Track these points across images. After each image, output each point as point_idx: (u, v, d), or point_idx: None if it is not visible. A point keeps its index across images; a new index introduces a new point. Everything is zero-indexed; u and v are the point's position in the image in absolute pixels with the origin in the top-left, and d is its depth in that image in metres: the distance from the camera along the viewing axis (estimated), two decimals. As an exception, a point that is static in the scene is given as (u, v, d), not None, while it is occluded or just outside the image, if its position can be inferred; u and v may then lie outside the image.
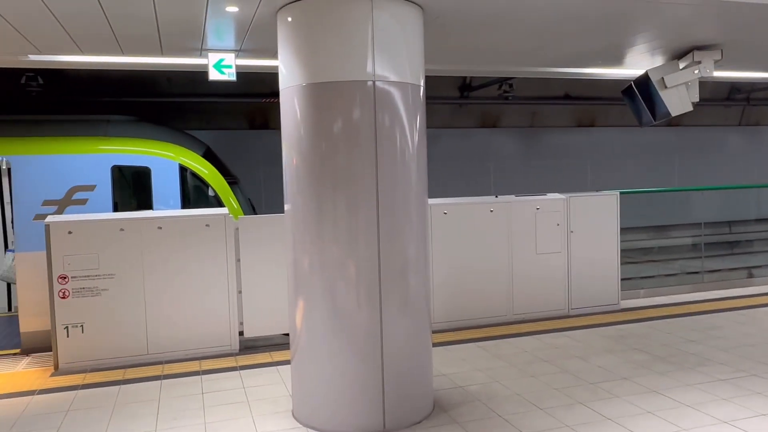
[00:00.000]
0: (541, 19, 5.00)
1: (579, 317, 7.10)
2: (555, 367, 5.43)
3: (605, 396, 4.72)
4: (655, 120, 6.90)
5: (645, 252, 12.93)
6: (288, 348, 4.78)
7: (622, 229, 7.50)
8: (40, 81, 9.31)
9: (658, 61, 6.77)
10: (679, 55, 6.47)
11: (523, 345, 6.09)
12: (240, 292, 6.12)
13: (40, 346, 6.46)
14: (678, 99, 6.50)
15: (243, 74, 6.10)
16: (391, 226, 4.16)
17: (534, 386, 4.97)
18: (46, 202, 7.10)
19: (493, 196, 7.19)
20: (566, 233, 7.19)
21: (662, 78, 6.50)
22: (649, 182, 14.58)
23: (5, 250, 9.03)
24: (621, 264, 7.55)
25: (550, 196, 7.27)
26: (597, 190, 7.74)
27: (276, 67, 4.54)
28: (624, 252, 7.74)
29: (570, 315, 7.19)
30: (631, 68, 7.34)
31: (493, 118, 13.53)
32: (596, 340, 6.22)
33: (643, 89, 6.79)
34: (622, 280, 7.58)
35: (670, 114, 6.60)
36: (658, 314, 7.18)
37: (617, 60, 6.93)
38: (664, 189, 14.62)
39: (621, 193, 7.51)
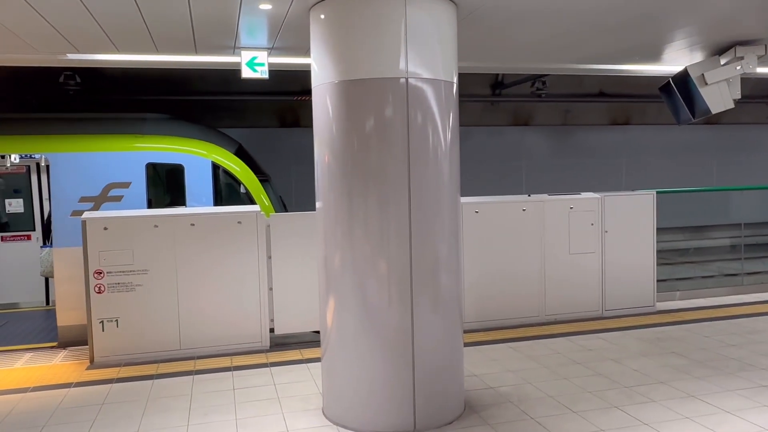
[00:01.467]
0: (579, 14, 4.89)
1: (613, 319, 6.96)
2: (589, 369, 5.33)
3: (641, 400, 4.60)
4: (694, 118, 6.72)
5: (681, 253, 12.64)
6: (318, 345, 4.78)
7: (657, 230, 7.33)
8: (78, 80, 9.50)
9: (698, 57, 6.58)
10: (721, 51, 6.28)
11: (556, 346, 5.99)
12: (271, 289, 6.15)
13: (77, 339, 6.61)
14: (719, 96, 6.32)
15: (274, 72, 6.12)
16: (422, 224, 4.12)
17: (567, 389, 4.88)
18: (83, 199, 7.22)
19: (526, 195, 7.10)
20: (600, 233, 7.05)
21: (702, 74, 6.32)
22: (686, 182, 14.24)
23: (42, 246, 9.26)
24: (657, 265, 7.38)
25: (585, 195, 7.14)
26: (632, 190, 7.58)
27: (308, 65, 4.54)
28: (659, 253, 7.56)
29: (604, 316, 7.05)
30: (669, 64, 7.16)
31: (525, 116, 13.36)
32: (631, 342, 6.08)
33: (681, 86, 6.61)
34: (657, 281, 7.41)
35: (710, 111, 6.42)
36: (695, 317, 7.00)
37: (655, 56, 6.76)
38: (702, 189, 14.27)
39: (657, 192, 7.34)
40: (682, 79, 6.55)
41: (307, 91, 4.53)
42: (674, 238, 12.22)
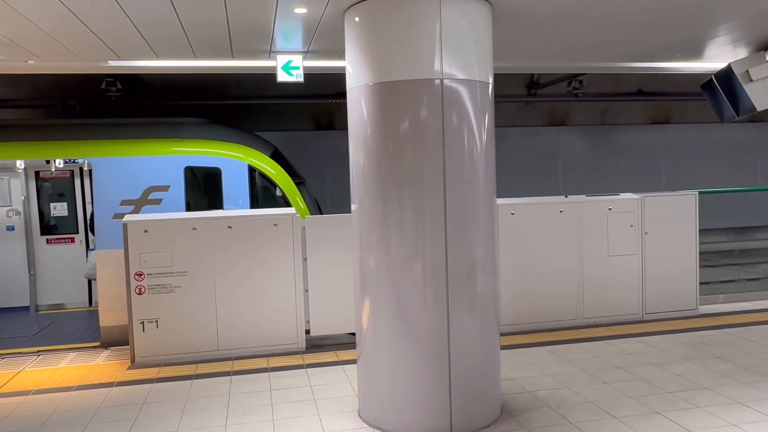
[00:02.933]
0: (618, 11, 4.79)
1: (654, 322, 6.79)
2: (629, 374, 5.21)
3: (685, 406, 4.48)
4: (738, 116, 6.53)
5: (725, 255, 12.27)
6: (354, 347, 4.79)
7: (700, 231, 7.13)
8: (119, 86, 9.73)
9: (742, 53, 6.40)
10: (766, 46, 6.09)
11: (595, 350, 5.88)
12: (306, 290, 6.19)
13: (118, 339, 6.76)
14: (764, 92, 6.14)
15: (309, 76, 6.17)
16: (458, 226, 4.09)
17: (607, 393, 4.79)
18: (124, 202, 7.39)
19: (563, 196, 6.99)
20: (640, 235, 6.90)
21: (747, 71, 6.14)
22: (729, 181, 13.84)
23: (87, 249, 9.51)
24: (699, 267, 7.18)
25: (623, 196, 6.99)
26: (673, 190, 7.39)
27: (342, 68, 4.56)
28: (702, 255, 7.35)
29: (644, 320, 6.89)
30: (711, 61, 6.98)
31: (561, 115, 13.16)
32: (673, 346, 5.93)
33: (725, 83, 6.43)
34: (700, 284, 7.21)
35: (755, 109, 6.24)
36: (740, 321, 6.79)
37: (696, 53, 6.59)
38: (746, 188, 13.84)
39: (700, 192, 7.15)
40: (726, 75, 6.37)
41: (342, 94, 4.56)
42: (717, 239, 11.89)
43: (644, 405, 4.53)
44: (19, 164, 9.06)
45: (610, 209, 6.82)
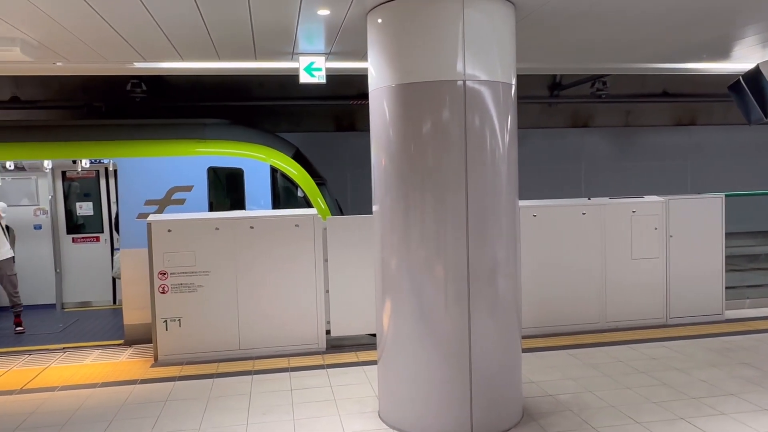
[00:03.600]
0: (644, 12, 4.73)
1: (678, 327, 6.69)
2: (653, 378, 5.14)
3: (710, 413, 4.41)
4: (766, 117, 6.42)
5: (751, 259, 12.06)
6: (374, 348, 4.79)
7: (726, 234, 7.01)
8: (144, 87, 9.86)
9: (771, 53, 6.28)
10: (796, 47, 5.98)
11: (617, 354, 5.81)
12: (327, 291, 6.20)
13: (142, 338, 6.84)
14: (794, 94, 6.02)
15: (330, 77, 6.19)
16: (480, 228, 4.07)
17: (630, 398, 4.73)
18: (148, 202, 7.48)
19: (586, 199, 6.92)
20: (665, 238, 6.80)
21: (776, 72, 6.03)
22: (756, 184, 13.58)
23: (111, 249, 9.65)
24: (725, 271, 7.06)
25: (648, 198, 6.90)
26: (698, 193, 7.28)
27: (363, 69, 4.57)
28: (728, 258, 7.22)
29: (668, 324, 6.80)
30: (739, 62, 6.86)
31: (584, 117, 13.04)
32: (698, 352, 5.84)
33: (753, 84, 6.33)
34: (726, 288, 7.09)
35: (784, 111, 6.12)
36: (767, 326, 6.66)
37: (724, 53, 6.49)
38: (773, 191, 13.58)
39: (726, 195, 7.02)
40: (754, 76, 6.27)
41: (363, 95, 4.57)
42: (744, 243, 11.68)
43: (668, 411, 4.47)
44: (47, 164, 9.23)
45: (634, 212, 6.73)
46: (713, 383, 4.99)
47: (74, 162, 9.27)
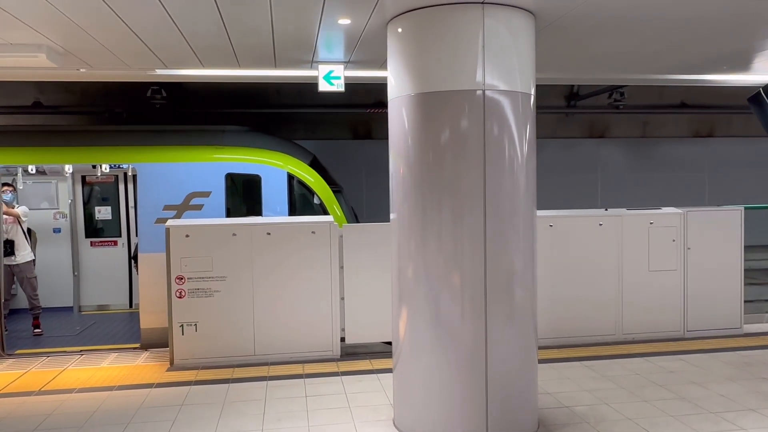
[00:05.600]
0: (665, 22, 4.70)
1: (696, 340, 6.62)
2: (670, 392, 5.09)
3: (729, 428, 4.36)
4: (787, 130, 6.35)
5: (771, 273, 11.91)
6: (388, 356, 4.79)
7: (745, 247, 6.94)
8: (164, 94, 9.97)
9: (792, 65, 6.23)
10: (818, 59, 5.92)
11: (634, 367, 5.76)
12: (342, 298, 6.22)
13: (158, 342, 6.89)
14: (815, 107, 5.96)
15: (348, 85, 6.23)
16: (497, 238, 4.07)
17: (647, 411, 4.68)
18: (167, 207, 7.54)
19: (603, 209, 6.89)
20: (683, 250, 6.75)
21: (797, 84, 5.98)
22: (775, 197, 13.43)
23: (129, 253, 9.72)
24: (744, 285, 6.98)
25: (666, 210, 6.86)
26: (716, 205, 7.22)
27: (382, 78, 4.60)
28: (747, 272, 7.14)
29: (686, 337, 6.73)
30: (759, 74, 6.81)
31: (601, 127, 12.97)
32: (716, 365, 5.77)
33: (774, 96, 6.27)
34: (744, 302, 7.01)
35: (805, 123, 6.06)
36: (787, 341, 6.58)
37: (744, 65, 6.44)
38: (793, 205, 13.41)
39: (746, 208, 6.96)
40: (775, 89, 6.21)
41: (380, 104, 4.60)
42: (763, 256, 11.53)
43: (686, 425, 4.42)
44: (67, 168, 9.35)
45: (651, 223, 6.69)
46: (732, 398, 4.93)
47: (94, 167, 9.39)
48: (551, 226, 6.46)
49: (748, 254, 7.13)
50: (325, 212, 7.90)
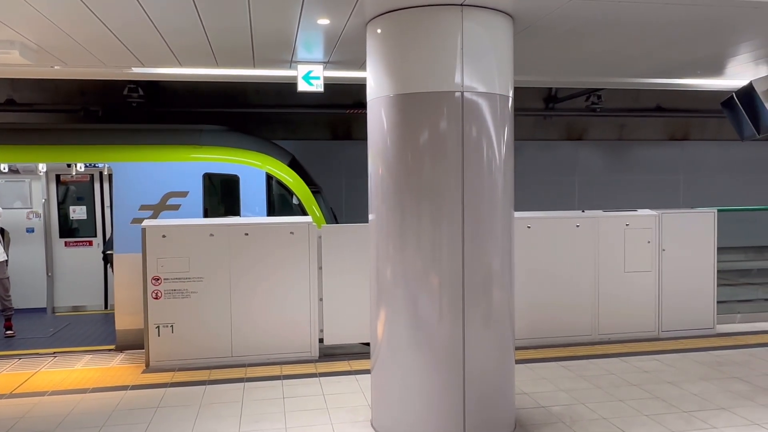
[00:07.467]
0: (641, 27, 4.78)
1: (670, 340, 6.73)
2: (644, 391, 5.16)
3: (701, 426, 4.43)
4: (759, 133, 6.50)
5: (743, 274, 12.13)
6: (366, 358, 4.79)
7: (718, 249, 7.06)
8: (141, 92, 9.85)
9: (764, 71, 6.36)
10: (789, 65, 6.05)
11: (609, 367, 5.83)
12: (321, 299, 6.20)
13: (133, 343, 6.80)
14: (786, 111, 6.09)
15: (327, 86, 6.22)
16: (475, 239, 4.09)
17: (622, 411, 4.74)
18: (143, 207, 7.44)
19: (580, 211, 6.96)
20: (657, 251, 6.85)
21: (769, 89, 6.10)
22: (748, 200, 13.69)
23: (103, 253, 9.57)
24: (717, 286, 7.11)
25: (641, 212, 6.95)
26: (690, 207, 7.34)
27: (361, 79, 4.59)
28: (720, 273, 7.27)
29: (660, 338, 6.83)
30: (732, 78, 6.94)
31: (579, 130, 13.12)
32: (689, 365, 5.86)
33: (746, 101, 6.41)
34: (717, 303, 7.13)
35: (776, 127, 6.19)
36: (758, 341, 6.70)
37: (718, 70, 6.56)
38: (765, 207, 13.69)
39: (719, 210, 7.08)
40: (747, 93, 6.34)
41: (360, 105, 4.60)
42: (736, 258, 11.76)
43: (660, 424, 4.48)
44: (41, 167, 9.19)
45: (627, 225, 6.78)
46: (705, 397, 5.01)
47: (69, 166, 9.24)
48: (529, 227, 6.51)
49: (721, 256, 7.25)
50: (304, 213, 7.87)
